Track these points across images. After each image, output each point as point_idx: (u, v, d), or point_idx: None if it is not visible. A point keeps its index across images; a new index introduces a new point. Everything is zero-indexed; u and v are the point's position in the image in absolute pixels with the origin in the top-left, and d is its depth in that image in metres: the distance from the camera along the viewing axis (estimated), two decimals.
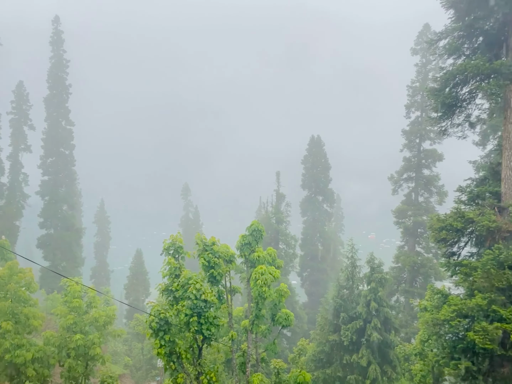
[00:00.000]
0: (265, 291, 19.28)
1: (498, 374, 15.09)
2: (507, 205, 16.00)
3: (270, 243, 52.48)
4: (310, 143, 67.99)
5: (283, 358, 40.86)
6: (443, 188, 46.27)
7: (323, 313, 32.81)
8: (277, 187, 57.14)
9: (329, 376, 29.59)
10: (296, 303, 52.74)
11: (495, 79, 15.78)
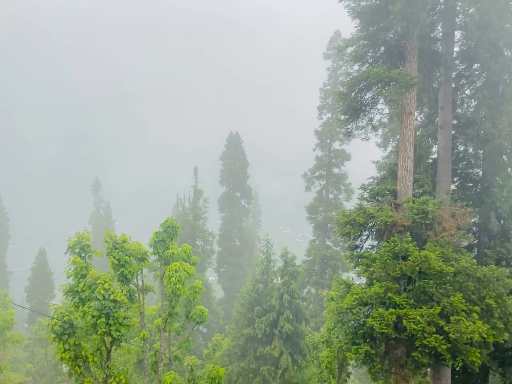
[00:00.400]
0: (179, 288, 19.05)
1: (393, 355, 16.59)
2: (401, 202, 17.60)
3: (187, 239, 51.92)
4: (228, 140, 68.48)
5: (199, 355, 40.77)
6: (350, 185, 49.54)
7: (238, 307, 33.33)
8: (195, 183, 56.66)
9: (243, 369, 30.21)
10: (212, 299, 52.87)
11: (393, 86, 17.25)
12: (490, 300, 15.00)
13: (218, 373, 20.34)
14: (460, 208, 17.15)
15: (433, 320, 14.64)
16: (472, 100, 20.97)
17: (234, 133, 68.85)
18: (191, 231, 54.92)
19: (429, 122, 22.29)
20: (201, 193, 57.04)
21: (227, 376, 30.35)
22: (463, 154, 21.52)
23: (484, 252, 18.46)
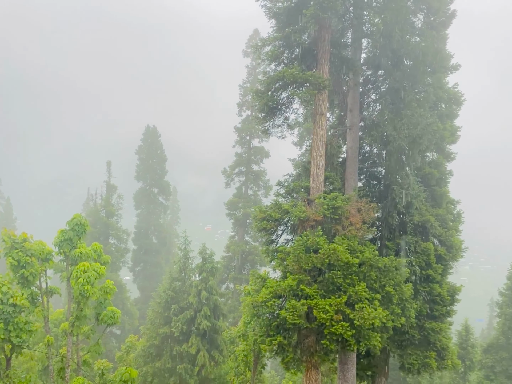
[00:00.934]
0: (87, 289, 17.95)
1: (304, 345, 17.38)
2: (314, 198, 18.48)
3: (99, 238, 49.20)
4: (145, 133, 66.10)
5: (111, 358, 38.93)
6: (269, 182, 50.84)
7: (154, 306, 32.45)
8: (108, 178, 53.79)
9: (159, 369, 29.52)
10: (127, 300, 50.80)
11: (307, 88, 18.01)
12: (390, 288, 16.43)
13: (130, 375, 19.59)
14: (365, 204, 18.49)
15: (340, 308, 15.63)
16: (377, 104, 22.63)
17: (151, 126, 66.66)
18: (104, 229, 52.16)
19: (339, 123, 23.63)
20: (114, 188, 54.35)
21: (141, 378, 29.42)
22: (368, 154, 23.17)
23: (385, 244, 20.12)
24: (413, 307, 17.77)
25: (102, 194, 54.45)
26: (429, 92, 19.74)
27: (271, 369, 53.23)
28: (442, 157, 21.77)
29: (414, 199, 19.25)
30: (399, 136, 18.90)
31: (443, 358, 19.81)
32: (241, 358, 24.83)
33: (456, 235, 20.94)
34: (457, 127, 22.18)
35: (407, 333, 19.52)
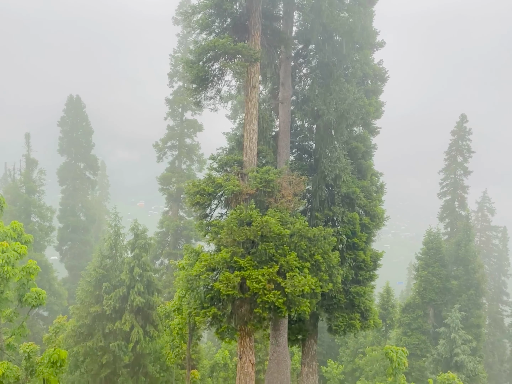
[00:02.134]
0: (7, 270, 16.77)
1: (238, 314, 17.83)
2: (247, 171, 18.61)
3: (20, 216, 45.83)
4: (68, 104, 61.51)
5: (39, 340, 37.17)
6: (203, 156, 50.20)
7: (83, 285, 31.24)
8: (27, 152, 49.70)
9: (91, 348, 28.77)
10: (54, 280, 48.34)
11: (239, 59, 17.77)
12: (318, 256, 17.26)
13: (60, 356, 18.92)
14: (297, 177, 19.03)
15: (272, 278, 16.16)
16: (308, 79, 23.03)
17: (74, 96, 62.08)
18: (25, 207, 48.56)
19: (272, 97, 23.77)
20: (35, 163, 50.45)
21: (72, 358, 28.51)
22: (300, 128, 23.69)
23: (315, 215, 20.98)
24: (340, 273, 18.89)
25: (21, 169, 50.35)
26: (356, 68, 20.46)
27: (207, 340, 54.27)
28: (367, 132, 22.89)
29: (342, 172, 20.15)
30: (328, 111, 19.47)
31: (366, 318, 21.45)
32: (176, 332, 24.98)
33: (379, 205, 22.39)
34: (382, 103, 23.34)
35: (334, 297, 20.81)
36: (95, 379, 30.09)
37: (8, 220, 19.09)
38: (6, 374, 17.27)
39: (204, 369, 34.82)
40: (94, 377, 29.82)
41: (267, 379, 20.10)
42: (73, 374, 29.85)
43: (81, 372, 29.75)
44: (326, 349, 49.56)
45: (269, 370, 20.13)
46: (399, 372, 21.32)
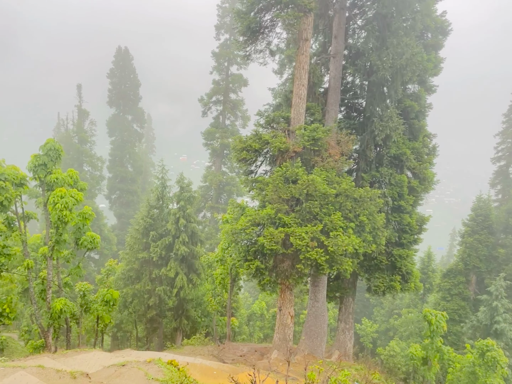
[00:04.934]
0: (66, 215, 17.89)
1: (280, 268, 18.31)
2: (294, 129, 18.35)
3: (73, 164, 48.22)
4: (116, 56, 62.07)
5: (91, 281, 40.14)
6: (247, 112, 49.76)
7: (132, 233, 32.90)
8: (79, 103, 51.33)
9: (138, 291, 30.71)
10: (104, 226, 51.26)
11: (292, 9, 17.04)
12: (363, 218, 17.11)
13: (112, 296, 20.42)
14: (345, 136, 18.56)
15: (316, 236, 16.30)
16: (362, 31, 21.83)
17: (123, 48, 62.48)
18: (77, 156, 50.88)
19: (323, 50, 22.86)
20: (86, 114, 52.15)
21: (121, 299, 30.65)
22: (351, 85, 22.81)
23: (361, 176, 20.60)
24: (384, 235, 18.72)
25: (73, 119, 52.27)
26: (416, 19, 19.10)
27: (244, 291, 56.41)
28: (423, 90, 21.67)
29: (393, 132, 19.42)
30: (383, 66, 18.53)
31: (407, 281, 21.37)
32: (218, 281, 26.07)
33: (430, 168, 21.57)
34: (441, 59, 21.83)
35: (376, 258, 20.79)
36: (142, 319, 32.37)
37: (63, 168, 20.07)
38: (63, 309, 18.89)
39: (242, 318, 36.48)
40: (141, 317, 32.06)
41: (304, 331, 20.81)
42: (122, 313, 32.22)
43: (129, 312, 32.05)
44: (361, 308, 50.28)
45: (307, 323, 20.78)
46: (437, 335, 21.36)
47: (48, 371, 9.59)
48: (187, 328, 31.86)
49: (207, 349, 21.82)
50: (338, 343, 22.86)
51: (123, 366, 10.80)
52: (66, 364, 11.85)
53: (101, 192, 57.92)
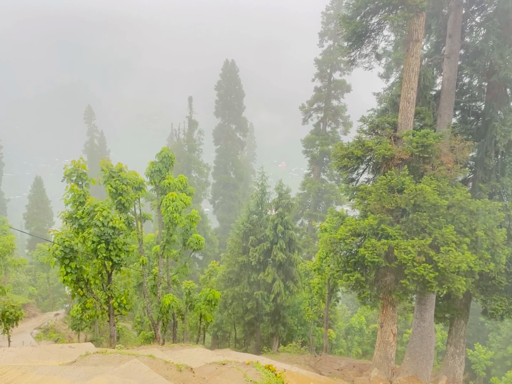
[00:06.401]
0: (176, 217, 19.32)
1: (382, 282, 17.40)
2: (401, 134, 17.36)
3: (182, 171, 51.97)
4: (224, 68, 65.74)
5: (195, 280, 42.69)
6: (349, 119, 48.63)
7: (233, 237, 34.23)
8: (190, 114, 55.35)
9: (238, 293, 31.75)
10: (208, 229, 54.23)
11: (401, 10, 16.21)
12: (480, 232, 15.42)
13: (214, 296, 21.41)
14: (460, 142, 17.00)
15: (424, 250, 15.12)
16: (481, 29, 19.88)
17: (229, 61, 65.91)
18: (186, 163, 54.81)
19: (435, 51, 21.33)
20: (195, 124, 56.01)
21: (222, 299, 32.02)
22: (467, 86, 20.88)
23: (479, 186, 18.64)
24: (505, 253, 16.65)
25: (184, 129, 56.48)
26: None
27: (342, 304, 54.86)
28: None
29: None
30: (506, 66, 16.66)
31: None
32: (316, 290, 25.74)
33: None
34: None
35: (494, 279, 18.55)
36: (240, 321, 33.40)
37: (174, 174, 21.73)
38: (171, 305, 20.34)
39: (339, 330, 35.49)
40: (239, 319, 33.10)
41: (408, 352, 19.42)
42: (222, 313, 33.67)
43: (229, 313, 33.32)
44: (474, 332, 45.36)
45: (411, 343, 19.37)
46: None
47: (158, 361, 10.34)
48: (283, 335, 32.00)
49: (303, 358, 21.60)
50: (446, 368, 20.87)
51: (223, 365, 11.18)
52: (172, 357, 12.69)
53: (206, 197, 61.59)
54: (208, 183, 59.88)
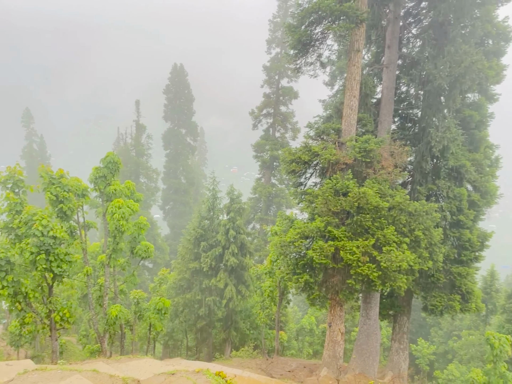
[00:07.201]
0: (123, 224, 18.73)
1: (329, 283, 17.89)
2: (345, 140, 18.03)
3: (130, 176, 50.56)
4: (172, 72, 64.91)
5: (145, 289, 41.52)
6: (297, 124, 49.73)
7: (184, 243, 33.76)
8: (137, 118, 54.02)
9: (189, 300, 31.32)
10: (158, 236, 53.06)
11: (343, 21, 16.90)
12: (419, 232, 16.35)
13: (164, 304, 20.96)
14: (399, 147, 17.94)
15: (367, 251, 15.78)
16: (417, 40, 21.18)
17: (178, 65, 65.21)
18: (134, 168, 53.40)
19: (375, 61, 22.41)
20: (143, 128, 54.75)
21: (173, 307, 31.40)
22: (405, 95, 22.11)
23: (416, 189, 19.75)
24: (442, 251, 17.76)
25: (131, 133, 55.02)
26: (476, 26, 18.23)
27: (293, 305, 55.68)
28: (484, 98, 20.51)
29: (451, 143, 18.51)
30: (439, 75, 17.82)
31: (467, 301, 20.04)
32: (267, 294, 25.95)
33: (492, 181, 20.26)
34: (504, 66, 20.56)
35: (433, 276, 19.70)
36: (192, 329, 32.93)
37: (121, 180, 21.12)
38: (118, 316, 19.63)
39: (291, 332, 35.96)
40: (191, 326, 32.63)
41: (355, 349, 20.10)
42: (173, 322, 33.01)
43: (180, 321, 32.75)
44: (416, 328, 47.75)
45: (358, 341, 20.07)
46: (500, 360, 19.69)
47: (102, 375, 9.95)
48: (235, 340, 31.94)
49: (255, 362, 21.68)
50: (392, 363, 21.82)
51: (172, 374, 10.97)
52: (119, 370, 12.26)
53: (155, 203, 60.23)
54: (158, 189, 58.64)
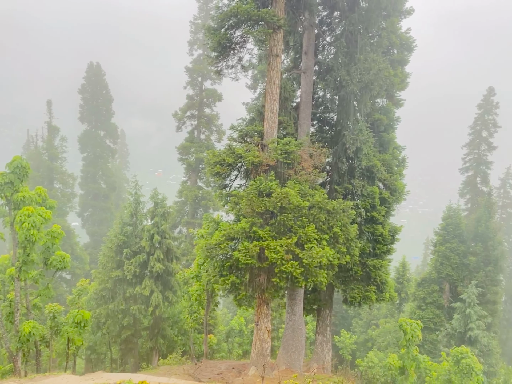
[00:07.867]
0: (33, 234, 17.37)
1: (256, 282, 18.17)
2: (267, 142, 18.48)
3: (43, 182, 46.95)
4: (88, 71, 61.49)
5: (63, 302, 38.81)
6: (222, 127, 49.88)
7: (105, 251, 32.17)
8: (49, 119, 50.27)
9: (112, 311, 29.91)
10: (76, 245, 49.89)
11: (262, 26, 17.32)
12: (337, 229, 17.27)
13: (83, 317, 19.81)
14: (317, 149, 18.82)
15: (291, 249, 16.30)
16: (332, 48, 22.37)
17: (94, 63, 61.93)
18: (47, 173, 49.65)
19: (294, 66, 23.25)
20: (57, 130, 51.10)
21: (95, 319, 29.73)
22: (322, 99, 23.23)
23: (334, 188, 20.87)
24: (358, 246, 18.92)
25: (43, 136, 51.11)
26: (382, 36, 19.75)
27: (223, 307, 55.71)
28: (391, 104, 22.29)
29: (363, 144, 19.82)
30: (352, 81, 18.99)
31: (382, 291, 21.59)
32: (194, 298, 25.67)
33: (400, 179, 22.07)
34: (407, 74, 22.56)
35: (351, 269, 20.95)
36: (116, 340, 31.45)
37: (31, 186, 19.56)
38: (32, 332, 18.18)
39: (220, 334, 35.94)
40: (115, 338, 31.15)
41: (282, 345, 20.64)
42: (95, 334, 31.22)
43: (103, 333, 31.10)
44: (340, 320, 50.44)
45: (285, 337, 20.64)
46: (412, 344, 21.58)
47: None
48: (163, 348, 31.12)
49: (183, 368, 21.32)
50: (317, 356, 22.76)
51: None
52: None
53: (73, 210, 56.51)
54: (75, 195, 55.02)
